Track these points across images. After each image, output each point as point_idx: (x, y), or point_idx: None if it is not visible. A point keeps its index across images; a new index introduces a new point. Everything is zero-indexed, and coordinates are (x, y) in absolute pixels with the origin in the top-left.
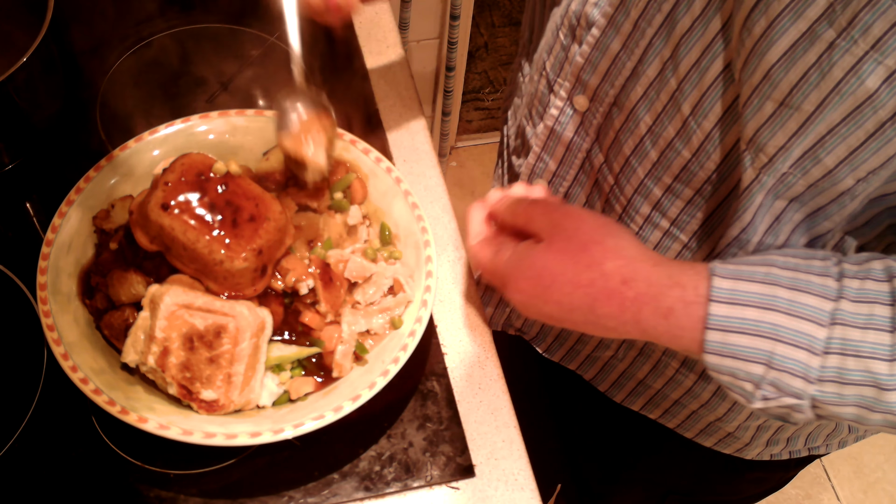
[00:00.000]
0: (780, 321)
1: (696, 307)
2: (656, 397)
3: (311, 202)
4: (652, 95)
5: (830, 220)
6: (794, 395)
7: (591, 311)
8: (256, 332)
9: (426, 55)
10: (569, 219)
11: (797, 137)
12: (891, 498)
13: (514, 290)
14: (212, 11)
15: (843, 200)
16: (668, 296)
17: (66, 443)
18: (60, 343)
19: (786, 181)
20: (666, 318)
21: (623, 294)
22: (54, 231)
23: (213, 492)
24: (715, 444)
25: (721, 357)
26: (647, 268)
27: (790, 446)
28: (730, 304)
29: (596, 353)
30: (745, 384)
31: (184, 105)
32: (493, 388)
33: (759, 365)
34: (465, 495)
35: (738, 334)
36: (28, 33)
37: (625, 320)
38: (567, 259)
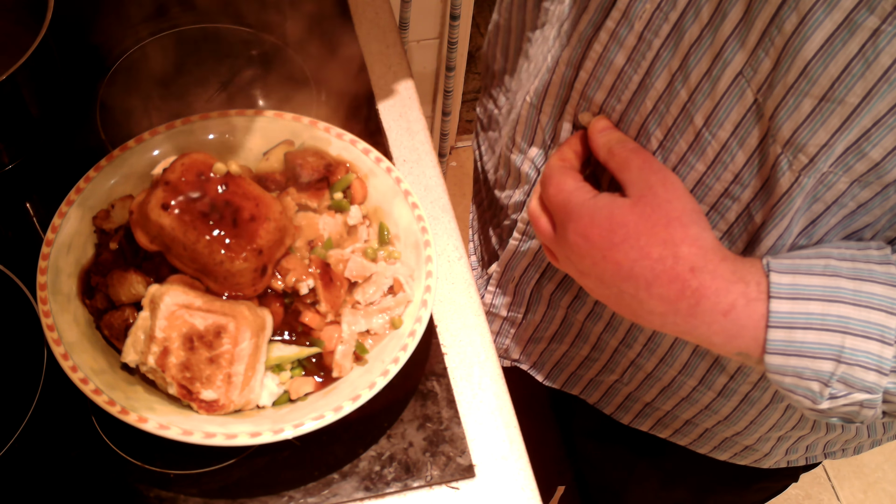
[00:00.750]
0: (848, 312)
1: (758, 304)
2: (665, 418)
3: (311, 202)
4: (662, 109)
5: (871, 213)
6: (866, 390)
7: (647, 288)
8: (256, 332)
9: (426, 55)
10: (664, 187)
11: (841, 133)
12: (891, 498)
13: (578, 233)
14: (212, 11)
15: (888, 192)
16: (731, 291)
17: (66, 443)
18: (60, 343)
19: (826, 181)
20: (725, 315)
21: (687, 281)
22: (54, 231)
23: (213, 492)
24: (731, 458)
25: (785, 357)
26: (717, 261)
27: (808, 453)
28: (792, 300)
29: (600, 377)
30: (811, 384)
31: (184, 105)
32: (493, 388)
33: (829, 361)
34: (465, 495)
35: (803, 330)
36: (28, 33)
37: (678, 308)
38: (647, 226)
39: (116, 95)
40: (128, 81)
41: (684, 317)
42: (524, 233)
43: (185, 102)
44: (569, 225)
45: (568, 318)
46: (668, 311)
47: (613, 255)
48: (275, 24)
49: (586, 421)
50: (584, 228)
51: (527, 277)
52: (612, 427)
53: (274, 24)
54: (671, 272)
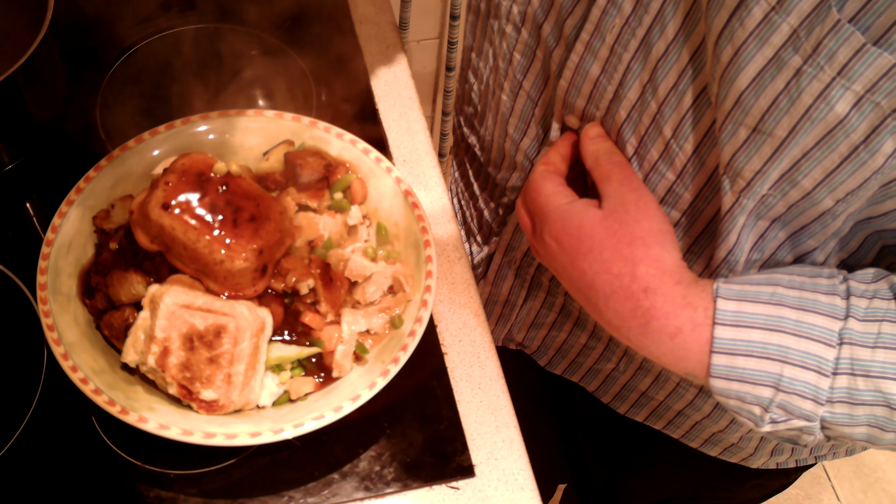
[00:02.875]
0: (788, 342)
1: (704, 329)
2: (660, 408)
3: (311, 202)
4: (635, 118)
5: (815, 238)
6: (804, 418)
7: (606, 300)
8: (256, 332)
9: (426, 55)
10: (637, 206)
11: (772, 162)
12: (891, 498)
13: (551, 236)
14: (212, 11)
15: (826, 220)
16: (679, 316)
17: (66, 443)
18: (60, 343)
19: (766, 202)
20: (672, 338)
21: (640, 301)
22: (54, 231)
23: (213, 492)
24: (720, 454)
25: (728, 381)
26: (671, 284)
27: (796, 455)
28: (735, 327)
29: (598, 365)
30: (753, 408)
31: (184, 105)
32: (493, 388)
33: (768, 388)
34: (465, 495)
35: (744, 357)
36: (28, 33)
37: (630, 326)
38: (612, 241)
39: (116, 95)
40: (128, 81)
41: (636, 334)
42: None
43: (185, 102)
44: (545, 227)
45: (566, 305)
46: (622, 326)
47: (579, 262)
48: (275, 24)
49: (585, 413)
50: (556, 232)
51: (527, 261)
52: (610, 419)
53: (274, 24)
54: (627, 290)
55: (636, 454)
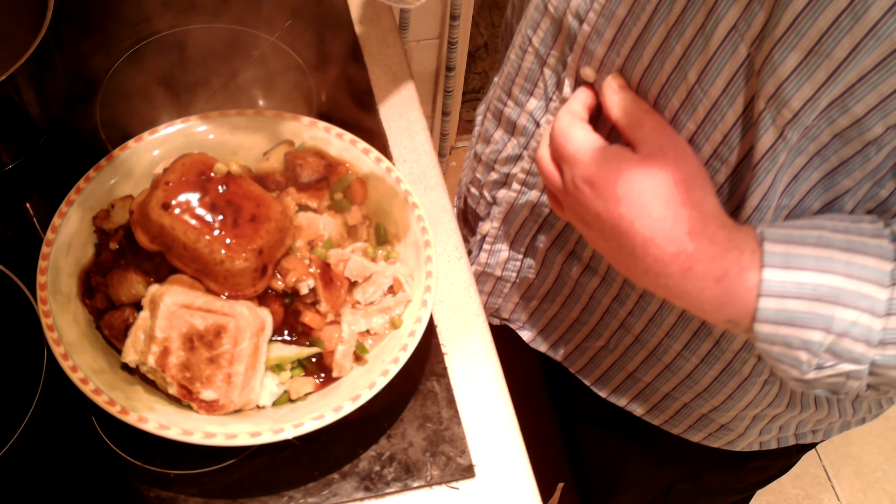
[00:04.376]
0: (840, 284)
1: (751, 272)
2: (645, 391)
3: (311, 202)
4: (657, 65)
5: (851, 176)
6: (853, 361)
7: (644, 247)
8: (256, 332)
9: (426, 55)
10: (675, 149)
11: (826, 87)
12: (891, 498)
13: (585, 181)
14: (212, 11)
15: (868, 152)
16: (725, 258)
17: (66, 443)
18: (60, 343)
19: (809, 134)
20: (717, 282)
21: (683, 245)
22: (54, 231)
23: (213, 492)
24: (704, 439)
25: (775, 325)
26: (715, 227)
27: (781, 433)
28: (785, 269)
29: (586, 343)
30: (798, 353)
31: (184, 105)
32: (493, 388)
33: (818, 331)
34: (465, 495)
35: (795, 299)
36: (28, 33)
37: (671, 272)
38: (653, 184)
39: (116, 95)
40: (128, 81)
41: (677, 280)
42: (524, 183)
43: (185, 102)
44: (577, 171)
45: (562, 275)
46: (660, 273)
47: (615, 207)
48: (275, 24)
49: (582, 403)
50: (591, 177)
51: (524, 232)
52: (607, 408)
53: (274, 24)
54: (669, 233)
55: (634, 440)
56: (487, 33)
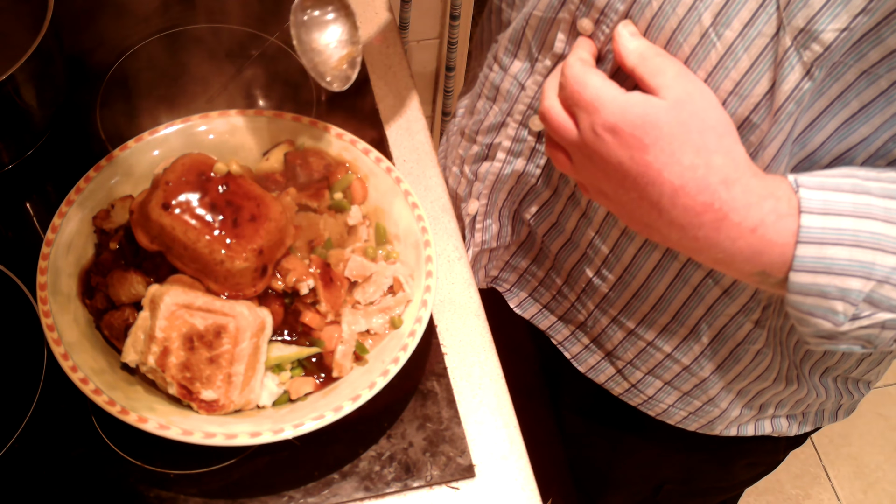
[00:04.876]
0: (880, 229)
1: (789, 220)
2: (624, 370)
3: (311, 202)
4: (668, 10)
5: (870, 123)
6: (891, 310)
7: (673, 196)
8: (256, 332)
9: (426, 55)
10: (702, 95)
11: (864, 15)
12: (891, 498)
13: (606, 129)
14: (212, 11)
15: (893, 92)
16: (762, 207)
17: (66, 443)
18: (60, 343)
19: (836, 72)
20: (753, 231)
21: (717, 194)
22: (54, 231)
23: (213, 492)
24: (682, 420)
25: (813, 274)
26: (749, 175)
27: (760, 414)
28: (824, 215)
29: (568, 315)
30: (835, 304)
31: (184, 105)
32: (493, 388)
33: (858, 279)
34: (465, 495)
35: (834, 246)
36: (28, 33)
37: (702, 223)
38: (682, 131)
39: (116, 95)
40: (128, 81)
41: (707, 231)
42: (509, 151)
43: (185, 102)
44: (597, 119)
45: (544, 246)
46: (689, 224)
47: (641, 156)
48: (275, 24)
49: (572, 397)
50: (613, 124)
51: (508, 203)
52: (596, 403)
53: (274, 24)
54: (701, 181)
55: (623, 438)
56: None
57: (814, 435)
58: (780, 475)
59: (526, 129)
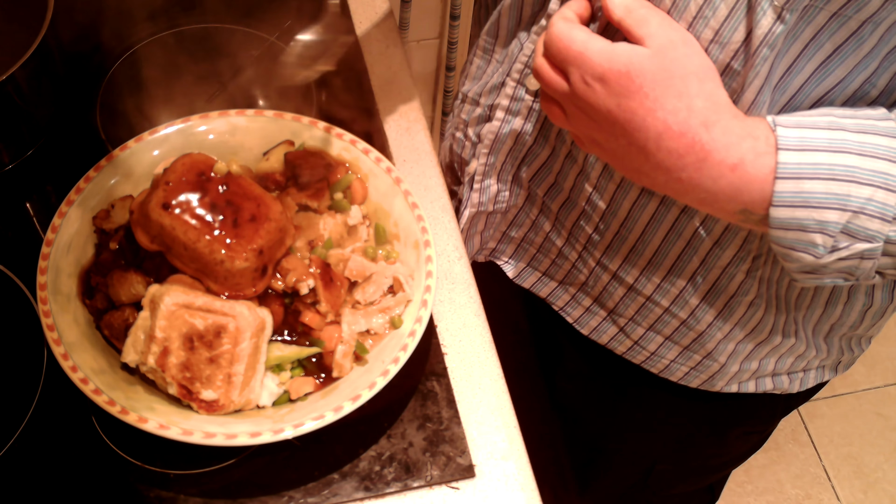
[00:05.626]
0: (854, 162)
1: (767, 157)
2: (626, 328)
3: (311, 202)
4: None
5: (844, 64)
6: (867, 239)
7: (658, 139)
8: (256, 332)
9: (426, 55)
10: (684, 43)
11: None
12: (891, 498)
13: (595, 78)
14: (212, 11)
15: (863, 32)
16: (741, 146)
17: (66, 443)
18: (60, 343)
19: (807, 15)
20: (733, 170)
21: (697, 135)
22: (54, 231)
23: (213, 492)
24: (684, 376)
25: (792, 209)
26: (729, 117)
27: (759, 372)
28: (800, 151)
29: (568, 279)
30: (814, 237)
31: (184, 105)
32: (493, 388)
33: (834, 210)
34: (465, 495)
35: (811, 180)
36: (28, 33)
37: (685, 164)
38: (664, 77)
39: (116, 95)
40: (128, 81)
41: (690, 172)
42: (507, 110)
43: (185, 102)
44: (586, 69)
45: (544, 207)
46: (674, 166)
47: (628, 102)
48: (275, 24)
49: (568, 371)
50: (601, 73)
51: (508, 163)
52: (592, 374)
53: (274, 24)
54: (683, 124)
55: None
56: None
57: (814, 435)
58: (780, 475)
59: (523, 88)
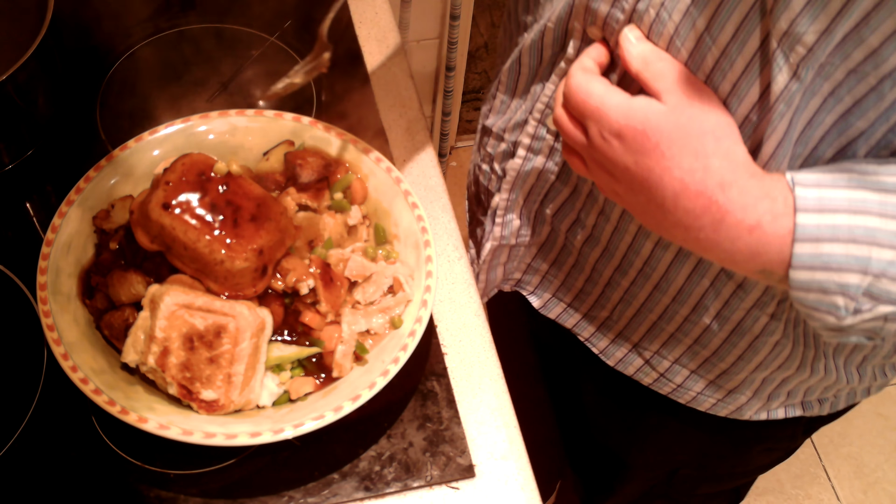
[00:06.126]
0: (875, 224)
1: (785, 219)
2: (652, 360)
3: (311, 202)
4: (664, 16)
5: (865, 117)
6: (891, 302)
7: (675, 199)
8: (256, 332)
9: (426, 55)
10: (701, 99)
11: (841, 17)
12: (891, 498)
13: (613, 134)
14: (212, 11)
15: (883, 87)
16: (758, 208)
17: (66, 443)
18: (60, 343)
19: (824, 72)
20: (750, 232)
21: (714, 196)
22: (54, 231)
23: (213, 492)
24: (711, 407)
25: (811, 271)
26: (746, 176)
27: (788, 400)
28: (819, 213)
29: (592, 312)
30: (835, 298)
31: (184, 105)
32: (493, 388)
33: (855, 273)
34: (465, 495)
35: (830, 242)
36: (28, 33)
37: (702, 224)
38: (681, 135)
39: (116, 95)
40: (128, 81)
41: (708, 232)
42: (529, 149)
43: (185, 102)
44: (603, 126)
45: (567, 243)
46: (691, 226)
47: (645, 160)
48: (275, 24)
49: (591, 384)
50: (618, 129)
51: (531, 199)
52: (612, 392)
53: (274, 24)
54: (699, 184)
55: (642, 424)
56: (487, 33)
57: (814, 435)
58: (780, 475)
59: (545, 128)
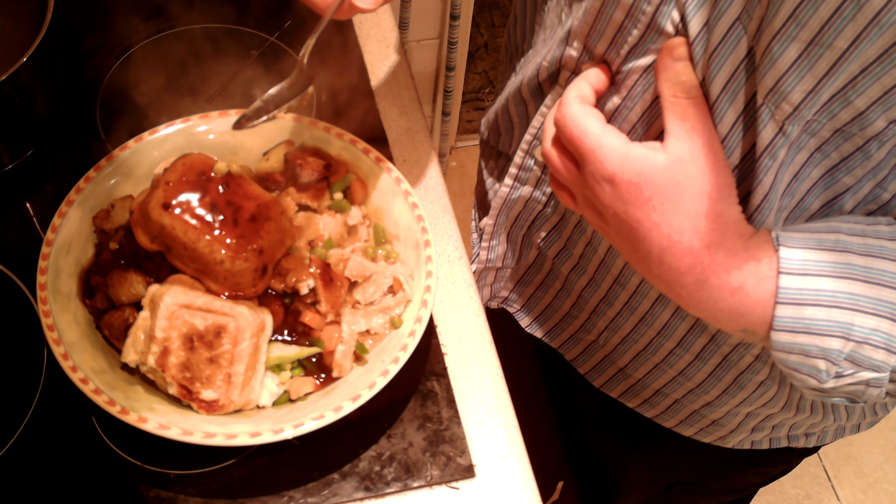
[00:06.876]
0: (859, 290)
1: (768, 281)
2: (637, 386)
3: (311, 202)
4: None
5: (852, 174)
6: (873, 369)
7: (660, 254)
8: (256, 332)
9: (426, 55)
10: (706, 157)
11: (827, 79)
12: (891, 498)
13: (605, 179)
14: (212, 11)
15: (870, 149)
16: (742, 270)
17: (66, 443)
18: (60, 343)
19: (810, 129)
20: (733, 295)
21: (699, 258)
22: (54, 231)
23: (213, 492)
24: (696, 433)
25: (793, 334)
26: (734, 238)
27: (773, 433)
28: (802, 276)
29: (578, 335)
30: (817, 362)
31: (184, 105)
32: (493, 388)
33: (837, 339)
34: (465, 495)
35: (813, 307)
36: (28, 33)
37: (685, 283)
38: (675, 192)
39: (116, 95)
40: (127, 82)
41: (690, 290)
42: (516, 178)
43: (185, 102)
44: (596, 168)
45: (554, 268)
46: (674, 282)
47: (635, 212)
48: (275, 24)
49: (584, 404)
50: (611, 176)
51: (517, 226)
52: (609, 410)
53: (274, 24)
54: (686, 245)
55: (639, 443)
56: (487, 33)
57: None
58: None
59: (532, 160)
